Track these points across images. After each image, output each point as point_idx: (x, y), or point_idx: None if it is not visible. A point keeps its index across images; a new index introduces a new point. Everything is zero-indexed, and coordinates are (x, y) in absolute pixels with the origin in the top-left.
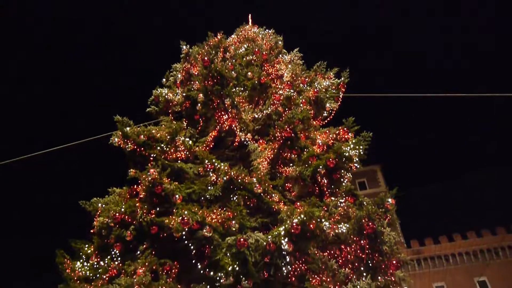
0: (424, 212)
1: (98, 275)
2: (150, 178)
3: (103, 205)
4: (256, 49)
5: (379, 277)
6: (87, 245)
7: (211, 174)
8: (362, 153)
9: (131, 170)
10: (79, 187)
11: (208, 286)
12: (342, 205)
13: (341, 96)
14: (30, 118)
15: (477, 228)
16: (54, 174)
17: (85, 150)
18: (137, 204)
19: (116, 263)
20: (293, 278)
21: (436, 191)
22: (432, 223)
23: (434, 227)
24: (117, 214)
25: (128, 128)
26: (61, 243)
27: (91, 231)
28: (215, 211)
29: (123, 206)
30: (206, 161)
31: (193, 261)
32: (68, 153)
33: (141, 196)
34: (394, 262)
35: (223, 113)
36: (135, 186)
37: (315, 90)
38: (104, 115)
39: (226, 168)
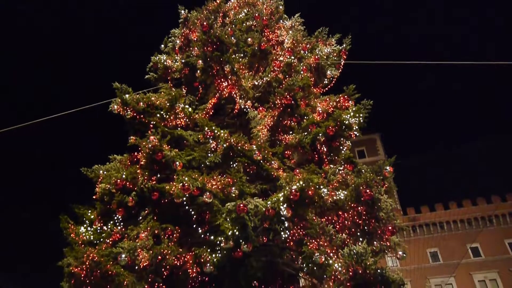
0: (422, 180)
1: (101, 239)
2: (150, 145)
3: (105, 172)
4: (256, 14)
5: (375, 242)
6: (90, 211)
7: (211, 141)
8: (362, 121)
9: (131, 137)
10: (80, 154)
11: (209, 250)
12: (340, 172)
13: (342, 63)
14: (30, 85)
15: (473, 196)
16: (55, 141)
17: (85, 118)
18: (138, 171)
19: (119, 228)
20: (291, 243)
21: (435, 160)
22: (429, 191)
23: (431, 195)
24: (119, 180)
25: (127, 95)
26: (64, 209)
27: (94, 197)
28: (215, 177)
29: (124, 173)
30: (206, 128)
31: (194, 226)
32: (69, 121)
33: (142, 163)
34: (390, 228)
35: (222, 80)
36: (136, 153)
37: (316, 57)
38: (104, 81)
39: (226, 135)
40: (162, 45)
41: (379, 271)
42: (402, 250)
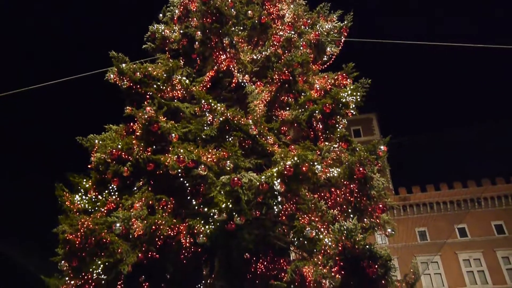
0: (416, 161)
1: (96, 208)
2: (146, 116)
3: (100, 142)
4: None
5: (365, 219)
6: (85, 180)
7: (207, 114)
8: (359, 99)
9: (127, 107)
10: (76, 123)
11: (202, 222)
12: (335, 150)
13: (343, 40)
14: (25, 51)
15: (464, 179)
16: (50, 109)
17: (81, 86)
18: (133, 142)
19: (114, 197)
20: (283, 217)
21: (430, 141)
22: (422, 172)
23: (423, 176)
24: (114, 150)
25: (123, 65)
26: (59, 177)
27: (89, 166)
28: (210, 150)
29: (120, 143)
30: (203, 101)
31: (188, 198)
32: (64, 89)
33: (138, 133)
34: (381, 206)
35: (221, 52)
36: (132, 123)
37: (317, 33)
38: (100, 50)
39: (222, 108)
40: (161, 15)
41: (367, 247)
42: (391, 227)
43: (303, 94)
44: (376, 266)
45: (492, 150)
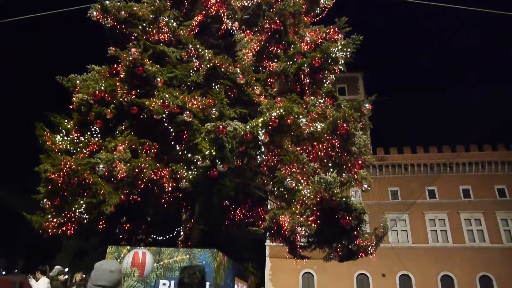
0: (396, 123)
1: (78, 149)
2: (131, 58)
3: (82, 82)
4: None
5: (344, 174)
6: (66, 120)
7: (194, 60)
8: (349, 56)
9: (111, 48)
10: (56, 62)
11: (185, 167)
12: (321, 104)
13: None
14: None
15: (440, 143)
16: (29, 46)
17: (62, 23)
18: (117, 84)
19: (96, 139)
20: (265, 168)
21: (412, 104)
22: (400, 134)
23: (401, 137)
24: (97, 91)
25: (107, 2)
26: (40, 117)
27: (70, 107)
28: (196, 97)
29: (103, 84)
30: (190, 46)
31: (172, 143)
32: (44, 25)
33: (122, 76)
34: (360, 162)
35: None
36: (115, 65)
37: None
38: None
39: (210, 55)
40: None
41: (344, 199)
42: (368, 183)
43: (292, 46)
44: (350, 218)
45: (470, 117)
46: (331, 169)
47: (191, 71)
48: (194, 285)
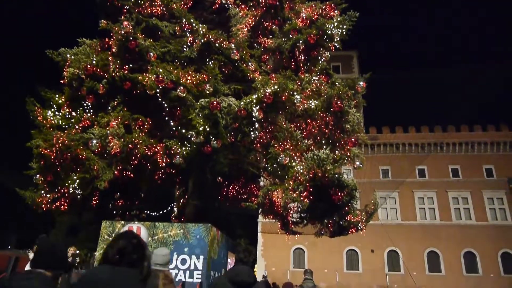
0: (390, 103)
1: (70, 125)
2: (123, 32)
3: (73, 56)
4: None
5: (337, 151)
6: (57, 95)
7: (188, 35)
8: (344, 33)
9: (102, 21)
10: (45, 35)
11: (179, 143)
12: (315, 82)
13: None
14: None
15: (432, 123)
16: (18, 18)
17: None
18: (109, 58)
19: (89, 114)
20: (258, 145)
21: (406, 84)
22: (393, 113)
23: (394, 117)
24: (89, 66)
25: None
26: (30, 92)
27: (61, 81)
28: (190, 72)
29: (95, 59)
30: (184, 20)
31: (166, 119)
32: None
33: (114, 50)
34: (353, 139)
35: None
36: (107, 39)
37: None
38: None
39: (204, 30)
40: None
41: (336, 175)
42: (360, 161)
43: (288, 22)
44: (342, 194)
45: (463, 97)
46: (324, 146)
47: (185, 46)
48: None
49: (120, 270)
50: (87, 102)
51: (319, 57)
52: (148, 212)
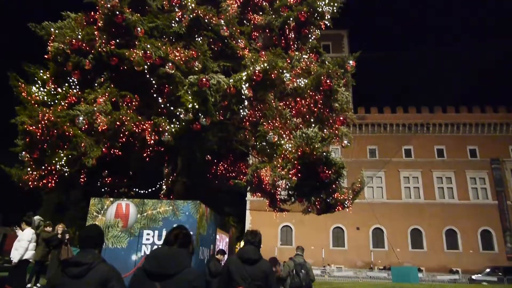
0: (378, 82)
1: (56, 101)
2: (109, 5)
3: (57, 30)
4: None
5: (325, 130)
6: (42, 71)
7: (176, 10)
8: (335, 10)
9: None
10: (28, 8)
11: (168, 120)
12: (305, 60)
13: None
14: None
15: (419, 104)
16: None
17: None
18: (95, 33)
19: (75, 91)
20: (247, 123)
21: (395, 65)
22: (382, 94)
23: (382, 97)
24: (74, 40)
25: None
26: (14, 66)
27: (45, 56)
28: (178, 49)
29: (80, 33)
30: None
31: (154, 96)
32: None
33: (100, 24)
34: (341, 118)
35: None
36: (92, 13)
37: None
38: None
39: (193, 5)
40: None
41: (324, 153)
42: (348, 139)
43: None
44: (330, 172)
45: (450, 79)
46: (313, 125)
47: (173, 21)
48: None
49: (174, 248)
50: (72, 78)
51: (310, 35)
52: (137, 190)
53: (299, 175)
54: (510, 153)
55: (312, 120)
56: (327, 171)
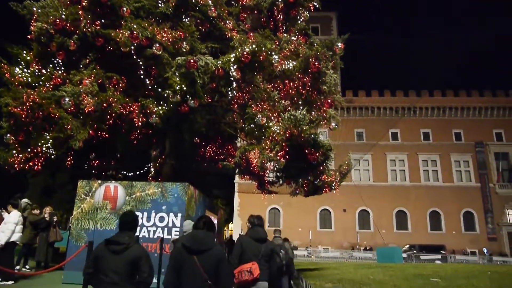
0: (366, 65)
1: (41, 82)
2: None
3: (40, 9)
4: None
5: (313, 112)
6: (25, 52)
7: None
8: None
9: None
10: None
11: (155, 102)
12: (294, 42)
13: None
14: None
15: (406, 88)
16: None
17: None
18: (79, 12)
19: (60, 72)
20: (236, 106)
21: (384, 49)
22: (368, 76)
23: (369, 80)
24: (58, 20)
25: None
26: None
27: (28, 36)
28: (165, 29)
29: (64, 12)
30: None
31: (141, 78)
32: None
33: (84, 3)
34: (329, 101)
35: None
36: None
37: None
38: None
39: None
40: None
41: (312, 136)
42: (336, 122)
43: None
44: (318, 154)
45: (438, 63)
46: (301, 107)
47: (160, 1)
48: None
49: (205, 232)
50: (57, 59)
51: (298, 17)
52: (125, 172)
53: (287, 157)
54: (494, 137)
55: (300, 102)
56: (314, 153)
